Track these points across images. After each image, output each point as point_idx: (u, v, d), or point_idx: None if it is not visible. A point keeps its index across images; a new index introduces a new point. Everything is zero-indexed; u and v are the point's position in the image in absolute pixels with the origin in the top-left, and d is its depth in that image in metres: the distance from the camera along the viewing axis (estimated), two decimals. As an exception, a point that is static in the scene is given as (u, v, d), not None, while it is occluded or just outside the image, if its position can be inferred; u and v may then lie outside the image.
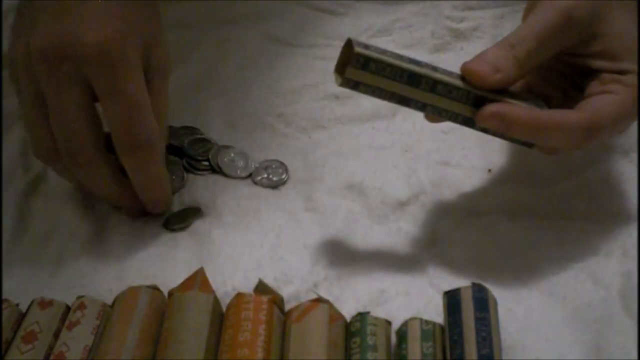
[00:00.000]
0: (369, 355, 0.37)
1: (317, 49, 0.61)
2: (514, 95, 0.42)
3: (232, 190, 0.50)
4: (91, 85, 0.43)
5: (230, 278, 0.44)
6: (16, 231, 0.48)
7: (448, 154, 0.52)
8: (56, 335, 0.39)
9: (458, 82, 0.41)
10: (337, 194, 0.50)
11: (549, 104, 0.44)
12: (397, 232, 0.47)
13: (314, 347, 0.37)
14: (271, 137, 0.54)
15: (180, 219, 0.48)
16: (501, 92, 0.41)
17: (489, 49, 0.42)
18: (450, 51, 0.61)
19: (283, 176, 0.51)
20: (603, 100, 0.42)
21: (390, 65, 0.39)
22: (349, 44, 0.39)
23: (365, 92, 0.40)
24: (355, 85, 0.40)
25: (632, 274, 0.43)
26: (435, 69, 0.41)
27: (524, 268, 0.44)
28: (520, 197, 0.48)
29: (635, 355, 0.39)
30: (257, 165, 0.52)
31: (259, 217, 0.48)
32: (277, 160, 0.52)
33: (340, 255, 0.45)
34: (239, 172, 0.52)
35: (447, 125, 0.55)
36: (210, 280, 0.41)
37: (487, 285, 0.39)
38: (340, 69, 0.40)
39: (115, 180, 0.46)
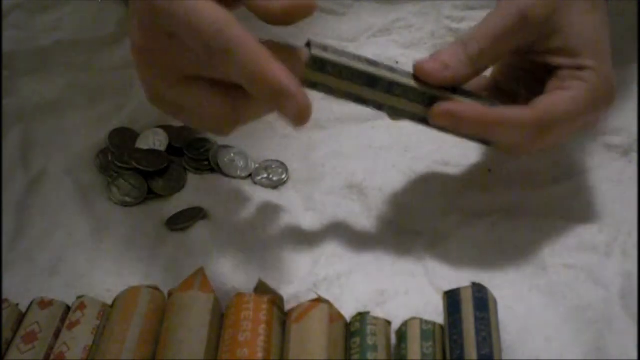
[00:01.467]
0: (369, 355, 0.37)
1: (317, 49, 0.61)
2: (468, 95, 0.43)
3: (232, 190, 0.50)
4: None
5: (230, 278, 0.44)
6: (16, 231, 0.48)
7: (448, 154, 0.52)
8: (56, 335, 0.39)
9: (413, 83, 0.42)
10: (337, 194, 0.50)
11: (516, 102, 0.45)
12: (397, 232, 0.47)
13: (314, 347, 0.37)
14: (271, 137, 0.54)
15: (181, 219, 0.48)
16: (456, 92, 0.42)
17: (442, 50, 0.43)
18: (450, 51, 0.61)
19: (283, 176, 0.51)
20: (557, 96, 0.43)
21: (347, 68, 0.40)
22: (307, 46, 0.40)
23: (324, 93, 0.41)
24: (313, 86, 0.41)
25: (632, 274, 0.43)
26: (392, 69, 0.42)
27: (524, 268, 0.44)
28: (520, 197, 0.48)
29: (635, 355, 0.39)
30: (257, 165, 0.52)
31: (259, 217, 0.48)
32: (277, 161, 0.52)
33: (340, 255, 0.45)
34: (239, 172, 0.52)
35: (447, 125, 0.55)
36: (210, 280, 0.41)
37: (488, 285, 0.39)
38: None
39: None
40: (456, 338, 0.37)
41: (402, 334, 0.38)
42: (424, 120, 0.43)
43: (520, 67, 0.47)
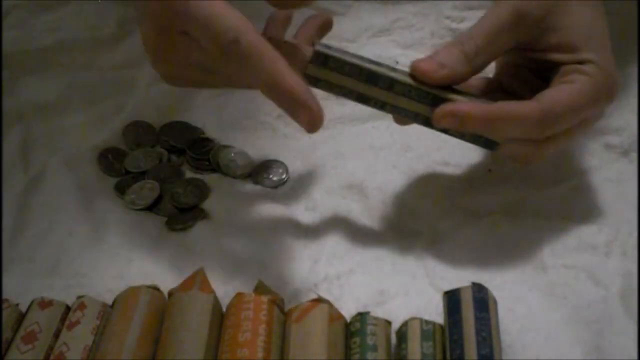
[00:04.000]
0: (369, 355, 0.37)
1: (317, 49, 0.61)
2: (465, 95, 0.43)
3: (232, 190, 0.50)
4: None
5: (230, 278, 0.44)
6: (16, 231, 0.48)
7: (448, 154, 0.52)
8: (56, 335, 0.39)
9: (415, 82, 0.42)
10: (337, 194, 0.50)
11: (516, 98, 0.44)
12: (397, 232, 0.47)
13: (314, 347, 0.37)
14: (271, 137, 0.54)
15: (181, 219, 0.48)
16: (454, 91, 0.43)
17: (439, 49, 0.44)
18: (450, 51, 0.61)
19: (283, 176, 0.51)
20: (559, 89, 0.43)
21: (349, 63, 0.41)
22: (312, 45, 0.42)
23: (326, 90, 0.42)
24: (315, 82, 0.41)
25: (632, 274, 0.43)
26: (394, 69, 0.42)
27: (524, 268, 0.44)
28: (520, 197, 0.48)
29: (635, 355, 0.39)
30: (257, 165, 0.52)
31: (259, 217, 0.48)
32: (277, 160, 0.52)
33: (340, 255, 0.45)
34: (239, 172, 0.52)
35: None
36: (210, 280, 0.41)
37: (488, 285, 0.39)
38: (304, 68, 0.42)
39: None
40: (456, 338, 0.37)
41: (402, 334, 0.38)
42: (426, 121, 0.43)
43: (524, 65, 0.47)
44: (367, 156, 0.52)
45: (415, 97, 0.42)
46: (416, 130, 0.55)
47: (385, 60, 0.60)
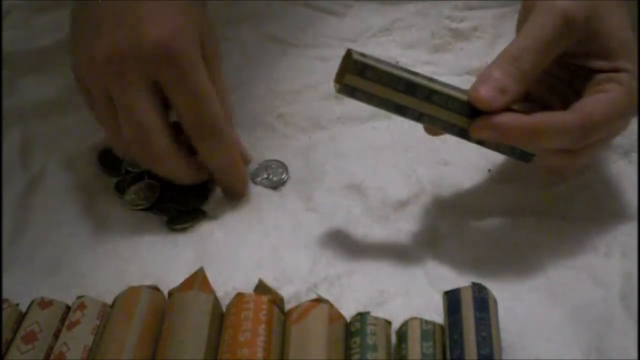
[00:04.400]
0: (369, 355, 0.37)
1: (317, 49, 0.61)
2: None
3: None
4: (158, 81, 0.45)
5: (230, 278, 0.44)
6: (16, 231, 0.48)
7: (448, 154, 0.52)
8: (56, 335, 0.39)
9: (454, 93, 0.41)
10: (337, 194, 0.50)
11: (544, 107, 0.44)
12: (397, 232, 0.47)
13: (314, 347, 0.37)
14: (271, 137, 0.54)
15: (182, 220, 0.48)
16: None
17: (493, 68, 0.41)
18: (450, 51, 0.61)
19: (283, 176, 0.51)
20: (596, 99, 0.42)
21: (387, 73, 0.40)
22: (348, 54, 0.40)
23: (363, 100, 0.41)
24: (352, 92, 0.40)
25: (632, 274, 0.43)
26: (432, 79, 0.41)
27: (524, 268, 0.44)
28: (520, 197, 0.48)
29: (635, 355, 0.39)
30: (257, 165, 0.52)
31: (259, 217, 0.48)
32: (277, 160, 0.52)
33: (340, 255, 0.45)
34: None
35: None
36: (211, 280, 0.41)
37: (487, 285, 0.39)
38: (339, 77, 0.41)
39: (188, 164, 0.48)
40: (456, 338, 0.37)
41: (402, 334, 0.38)
42: (463, 132, 0.42)
43: (555, 75, 0.46)
44: (367, 156, 0.52)
45: (453, 108, 0.41)
46: (416, 130, 0.55)
47: (385, 60, 0.60)
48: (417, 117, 0.42)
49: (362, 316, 0.39)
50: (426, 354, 0.37)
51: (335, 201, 0.49)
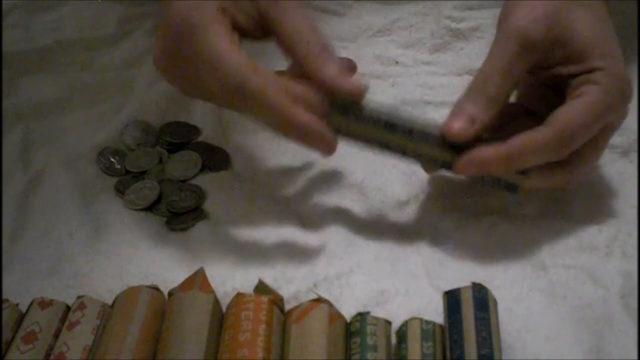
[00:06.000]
0: (369, 355, 0.37)
1: (317, 49, 0.61)
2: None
3: (232, 190, 0.50)
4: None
5: (230, 278, 0.44)
6: (16, 231, 0.48)
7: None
8: (56, 335, 0.39)
9: (432, 129, 0.43)
10: (337, 193, 0.50)
11: (542, 119, 0.44)
12: (397, 232, 0.47)
13: (314, 347, 0.37)
14: (271, 137, 0.54)
15: (181, 219, 0.48)
16: None
17: (462, 100, 0.43)
18: (450, 51, 0.61)
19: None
20: (570, 106, 0.43)
21: (368, 111, 0.43)
22: (331, 99, 0.43)
23: (348, 139, 0.43)
24: (337, 132, 0.43)
25: (632, 274, 0.43)
26: (411, 118, 0.43)
27: (524, 268, 0.44)
28: (520, 197, 0.48)
29: (635, 355, 0.39)
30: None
31: (259, 217, 0.48)
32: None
33: (340, 255, 0.45)
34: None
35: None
36: (210, 280, 0.41)
37: (488, 285, 0.39)
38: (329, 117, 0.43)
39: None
40: (456, 338, 0.37)
41: (402, 334, 0.38)
42: (446, 165, 0.44)
43: (540, 84, 0.46)
44: (367, 156, 0.52)
45: (433, 143, 0.43)
46: (416, 130, 0.55)
47: (385, 61, 0.60)
48: (401, 153, 0.44)
49: (362, 316, 0.39)
50: (426, 354, 0.37)
51: (335, 201, 0.49)
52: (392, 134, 0.43)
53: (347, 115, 0.42)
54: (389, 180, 0.50)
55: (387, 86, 0.58)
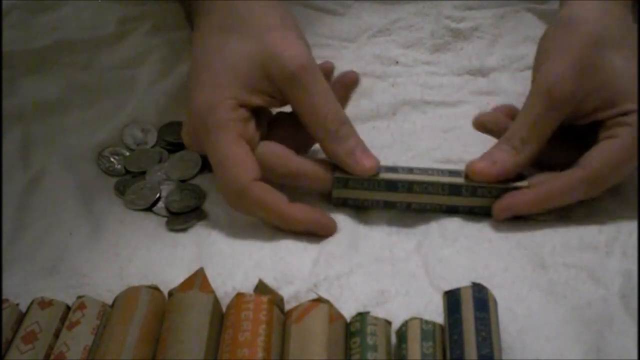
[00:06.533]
0: (369, 355, 0.37)
1: (317, 49, 0.61)
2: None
3: (232, 190, 0.50)
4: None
5: (230, 278, 0.44)
6: (16, 231, 0.48)
7: (449, 152, 0.52)
8: (56, 335, 0.39)
9: (432, 178, 0.46)
10: (337, 194, 0.49)
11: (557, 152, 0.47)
12: (398, 232, 0.47)
13: (314, 347, 0.37)
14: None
15: (181, 219, 0.48)
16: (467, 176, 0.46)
17: (490, 149, 0.46)
18: (450, 51, 0.61)
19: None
20: (603, 149, 0.44)
21: (367, 179, 0.46)
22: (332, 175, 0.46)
23: (355, 205, 0.47)
24: (344, 202, 0.47)
25: (632, 273, 0.43)
26: (411, 170, 0.46)
27: (524, 268, 0.44)
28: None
29: (635, 355, 0.39)
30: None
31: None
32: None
33: (340, 255, 0.45)
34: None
35: (448, 124, 0.55)
36: (210, 280, 0.41)
37: (488, 285, 0.39)
38: (330, 194, 0.47)
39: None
40: (456, 338, 0.37)
41: (402, 334, 0.38)
42: (451, 209, 0.46)
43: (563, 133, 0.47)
44: (367, 156, 0.52)
45: (435, 192, 0.46)
46: (417, 129, 0.55)
47: (385, 61, 0.60)
48: (406, 207, 0.47)
49: (362, 316, 0.39)
50: (426, 354, 0.37)
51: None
52: (394, 193, 0.46)
53: (347, 186, 0.46)
54: (389, 180, 0.50)
55: (387, 86, 0.58)
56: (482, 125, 0.49)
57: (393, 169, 0.46)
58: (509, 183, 0.46)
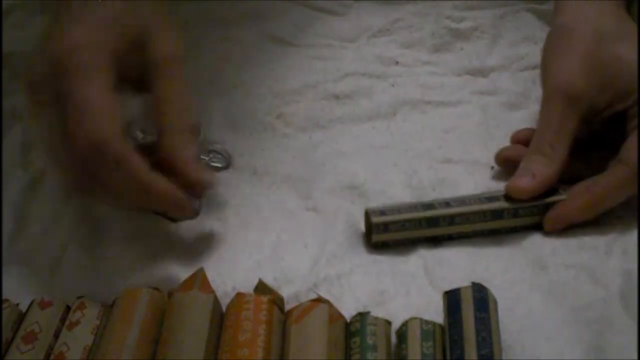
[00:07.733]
0: (369, 355, 0.37)
1: (317, 49, 0.61)
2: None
3: (232, 190, 0.50)
4: None
5: (230, 278, 0.44)
6: (16, 231, 0.48)
7: (450, 152, 0.52)
8: (56, 335, 0.39)
9: (472, 208, 0.45)
10: (338, 193, 0.49)
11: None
12: (397, 232, 0.47)
13: (314, 347, 0.37)
14: (271, 137, 0.54)
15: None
16: (508, 197, 0.46)
17: (523, 162, 0.46)
18: (450, 51, 0.61)
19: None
20: (635, 140, 0.44)
21: (408, 220, 0.45)
22: (367, 216, 0.45)
23: (397, 245, 0.45)
24: (384, 245, 0.45)
25: (632, 274, 0.43)
26: (447, 203, 0.45)
27: (524, 268, 0.44)
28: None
29: (635, 355, 0.39)
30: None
31: (259, 217, 0.48)
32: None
33: (340, 255, 0.45)
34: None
35: (448, 124, 0.55)
36: (210, 280, 0.41)
37: (488, 285, 0.39)
38: (368, 236, 0.46)
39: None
40: (456, 338, 0.37)
41: (402, 334, 0.38)
42: (492, 232, 0.46)
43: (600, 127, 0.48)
44: (367, 156, 0.52)
45: (475, 220, 0.45)
46: (417, 129, 0.55)
47: (385, 61, 0.60)
48: (448, 238, 0.46)
49: (362, 316, 0.39)
50: (426, 354, 0.37)
51: (336, 201, 0.49)
52: (436, 229, 0.45)
53: (388, 230, 0.45)
54: (390, 180, 0.50)
55: (387, 86, 0.58)
56: (507, 159, 0.49)
57: (429, 206, 0.45)
58: (547, 198, 0.45)
